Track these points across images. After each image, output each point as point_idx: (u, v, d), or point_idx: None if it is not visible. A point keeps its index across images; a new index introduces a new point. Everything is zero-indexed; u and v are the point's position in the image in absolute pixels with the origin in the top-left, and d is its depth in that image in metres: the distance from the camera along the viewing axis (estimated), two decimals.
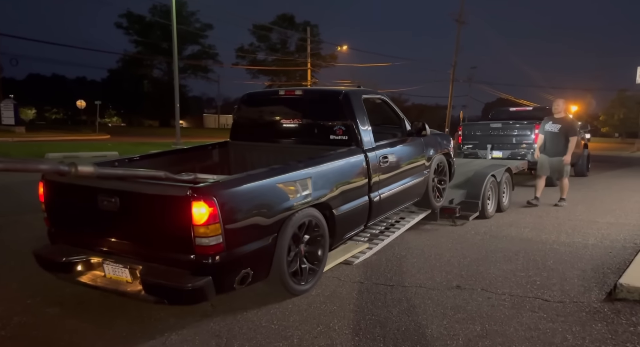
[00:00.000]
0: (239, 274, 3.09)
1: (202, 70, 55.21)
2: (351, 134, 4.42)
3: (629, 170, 15.47)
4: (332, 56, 47.33)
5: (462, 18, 33.84)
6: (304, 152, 4.18)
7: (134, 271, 3.09)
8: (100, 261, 3.26)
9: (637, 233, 5.67)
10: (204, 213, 2.82)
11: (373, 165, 4.40)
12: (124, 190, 3.10)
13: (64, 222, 3.56)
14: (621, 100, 51.88)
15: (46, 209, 3.54)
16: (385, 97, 5.30)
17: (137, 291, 3.03)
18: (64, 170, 2.77)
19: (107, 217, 3.19)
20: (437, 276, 4.12)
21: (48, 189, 3.49)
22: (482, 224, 6.28)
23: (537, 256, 4.73)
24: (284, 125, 4.90)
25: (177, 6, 23.72)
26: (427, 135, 5.33)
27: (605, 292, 3.64)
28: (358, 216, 4.29)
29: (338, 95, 4.58)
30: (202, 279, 2.86)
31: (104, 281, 3.22)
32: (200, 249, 2.88)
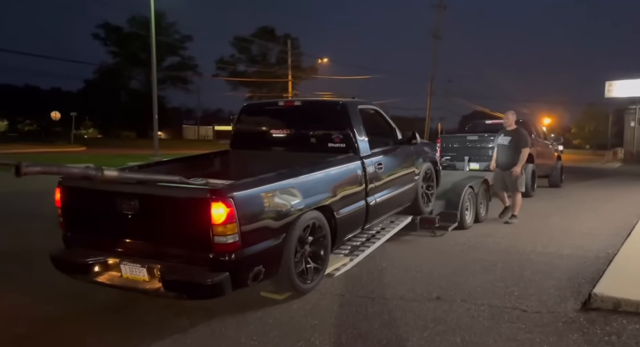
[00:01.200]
0: (252, 271, 3.28)
1: (181, 81, 54.84)
2: (349, 142, 4.67)
3: (600, 182, 15.97)
4: (313, 68, 47.69)
5: (438, 33, 34.66)
6: (303, 159, 4.35)
7: (152, 269, 3.26)
8: (117, 262, 3.40)
9: (610, 243, 5.82)
10: (222, 213, 3.03)
11: (369, 171, 4.67)
12: (144, 193, 3.29)
13: (80, 225, 3.72)
14: (591, 113, 53.65)
15: (62, 213, 3.69)
16: (378, 107, 5.57)
17: (156, 289, 3.21)
18: (92, 175, 2.97)
19: (125, 220, 3.35)
20: (417, 288, 4.14)
21: (65, 194, 3.65)
22: (461, 234, 6.36)
23: (515, 266, 4.81)
24: (283, 133, 5.12)
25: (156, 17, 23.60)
26: (417, 144, 5.61)
27: (580, 302, 3.71)
28: (356, 218, 4.54)
29: (336, 106, 4.90)
30: (221, 275, 3.07)
31: (121, 281, 3.38)
32: (219, 246, 3.09)
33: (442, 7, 33.90)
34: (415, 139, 5.50)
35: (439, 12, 34.20)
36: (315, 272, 3.94)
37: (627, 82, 35.94)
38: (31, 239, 5.92)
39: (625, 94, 36.29)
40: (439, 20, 34.72)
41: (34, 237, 6.01)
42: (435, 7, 34.00)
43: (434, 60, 35.39)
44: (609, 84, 36.88)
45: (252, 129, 5.44)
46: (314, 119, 5.07)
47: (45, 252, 3.70)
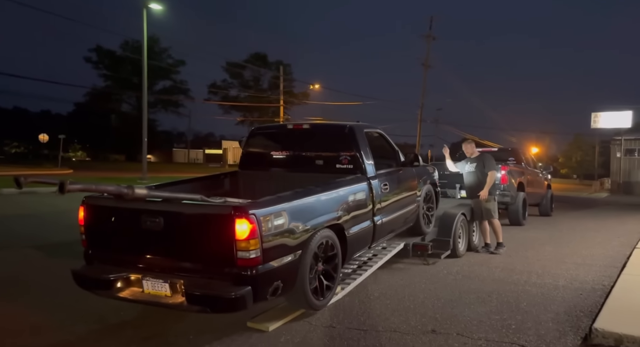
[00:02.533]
0: (272, 286, 3.40)
1: (172, 105, 54.89)
2: (356, 163, 4.84)
3: (589, 211, 16.03)
4: (305, 94, 48.10)
5: (427, 62, 35.36)
6: (311, 180, 4.45)
7: (175, 285, 3.39)
8: (139, 278, 3.52)
9: (604, 274, 5.73)
10: (245, 229, 3.17)
11: (376, 191, 4.82)
12: (168, 210, 3.43)
13: (102, 243, 3.83)
14: (578, 143, 54.61)
15: (85, 231, 3.80)
16: (381, 131, 5.72)
17: (179, 303, 3.34)
18: (124, 192, 3.10)
19: (148, 236, 3.48)
20: (411, 319, 3.98)
21: (88, 213, 3.78)
22: (454, 263, 6.24)
23: (510, 297, 4.67)
24: (291, 155, 5.29)
25: (149, 42, 23.77)
26: (418, 166, 5.80)
27: (580, 337, 3.58)
28: (365, 237, 4.68)
29: (344, 129, 5.05)
30: (244, 289, 3.18)
31: (143, 296, 3.50)
32: (242, 261, 3.21)
33: (431, 37, 34.70)
34: (418, 161, 5.68)
35: (428, 42, 34.99)
36: (327, 290, 4.05)
37: (612, 113, 36.84)
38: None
39: (611, 125, 37.12)
40: (428, 50, 35.45)
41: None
42: (424, 37, 34.77)
43: (424, 89, 35.94)
44: (594, 115, 37.74)
45: (261, 151, 5.56)
46: (321, 141, 5.22)
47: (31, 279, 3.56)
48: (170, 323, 3.88)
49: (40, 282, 5.12)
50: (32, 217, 9.98)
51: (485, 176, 6.92)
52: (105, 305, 4.25)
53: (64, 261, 5.98)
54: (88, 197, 3.80)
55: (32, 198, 13.43)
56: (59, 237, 7.65)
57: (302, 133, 5.33)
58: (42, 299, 4.52)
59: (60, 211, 10.67)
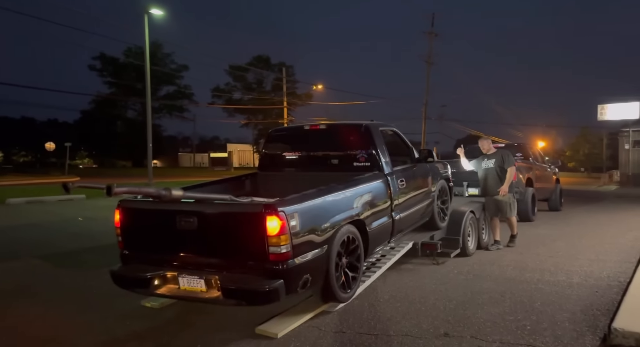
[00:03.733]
0: (301, 279, 3.56)
1: (177, 109, 55.04)
2: (373, 160, 4.97)
3: (599, 205, 15.81)
4: (308, 95, 48.04)
5: (431, 59, 35.17)
6: (330, 178, 4.51)
7: (210, 280, 3.54)
8: (175, 275, 3.68)
9: (619, 270, 5.60)
10: (275, 226, 3.33)
11: (393, 187, 4.96)
12: (202, 211, 3.60)
13: (138, 243, 4.00)
14: (585, 136, 54.04)
15: (121, 233, 3.98)
16: (396, 129, 5.82)
17: (215, 297, 3.50)
18: (163, 194, 3.22)
19: (183, 235, 3.66)
20: (423, 323, 3.89)
21: (124, 215, 3.95)
22: (464, 262, 6.13)
23: (524, 296, 4.56)
24: (309, 155, 5.45)
25: (153, 48, 23.79)
26: (432, 162, 5.90)
27: (598, 337, 3.46)
28: (384, 232, 4.82)
29: (360, 128, 5.18)
30: (276, 282, 3.34)
31: (179, 292, 3.67)
32: (273, 256, 3.37)
33: (433, 34, 34.52)
34: (432, 157, 5.79)
35: (431, 39, 34.82)
36: (352, 282, 4.21)
37: (619, 105, 36.38)
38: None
39: (618, 117, 36.66)
40: (431, 47, 35.34)
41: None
42: (427, 34, 34.59)
43: (427, 86, 35.78)
44: (601, 107, 37.30)
45: (280, 153, 5.66)
46: (338, 140, 5.32)
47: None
48: (178, 332, 3.83)
49: (47, 293, 5.09)
50: (38, 226, 9.99)
51: (504, 172, 6.89)
52: (112, 315, 4.23)
53: (71, 272, 5.98)
54: (123, 200, 3.98)
55: (39, 207, 13.48)
56: (65, 247, 7.63)
57: (319, 133, 5.47)
58: (48, 311, 4.48)
59: (66, 219, 10.72)
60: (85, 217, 10.83)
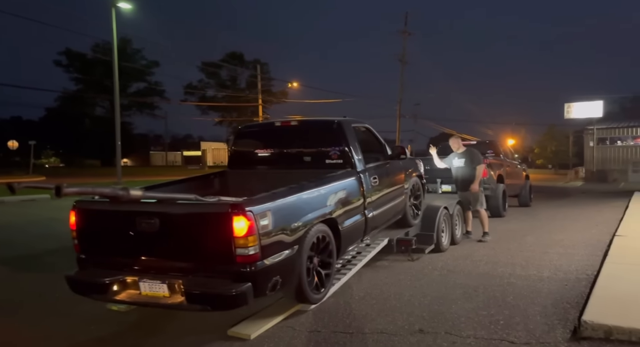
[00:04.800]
0: (271, 281, 3.43)
1: (148, 107, 53.77)
2: (346, 157, 4.86)
3: (566, 200, 16.29)
4: (283, 93, 47.69)
5: (404, 58, 35.48)
6: (301, 176, 4.40)
7: (173, 285, 3.36)
8: (135, 280, 3.47)
9: (587, 263, 5.74)
10: (243, 227, 3.19)
11: (366, 185, 4.86)
12: (164, 211, 3.40)
13: (96, 247, 3.77)
14: (552, 134, 55.63)
15: (77, 236, 3.74)
16: (368, 125, 5.71)
17: (179, 303, 3.32)
18: (120, 194, 3.06)
19: (144, 238, 3.46)
20: (398, 319, 3.87)
21: (80, 217, 3.72)
22: (438, 258, 6.18)
23: (497, 291, 4.61)
24: (280, 152, 5.29)
25: (122, 44, 23.11)
26: (405, 159, 5.87)
27: (569, 330, 3.51)
28: (357, 231, 4.72)
29: (332, 124, 5.05)
30: (244, 285, 3.19)
31: (140, 298, 3.46)
32: (241, 258, 3.23)
33: (407, 33, 34.83)
34: (404, 154, 5.76)
35: (404, 38, 35.11)
36: (324, 283, 4.10)
37: (584, 104, 37.64)
38: None
39: (583, 115, 37.92)
40: (404, 46, 35.59)
41: None
42: (401, 33, 34.87)
43: (401, 84, 36.10)
44: (567, 105, 38.52)
45: (250, 150, 5.51)
46: (310, 137, 5.22)
47: None
48: (146, 337, 3.69)
49: (5, 297, 4.83)
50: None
51: (474, 170, 7.31)
52: (75, 320, 4.05)
53: (33, 275, 5.71)
54: (79, 201, 3.76)
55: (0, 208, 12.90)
56: (27, 249, 7.31)
57: (290, 130, 5.33)
58: (4, 317, 4.25)
59: (29, 220, 10.27)
60: (49, 218, 10.41)
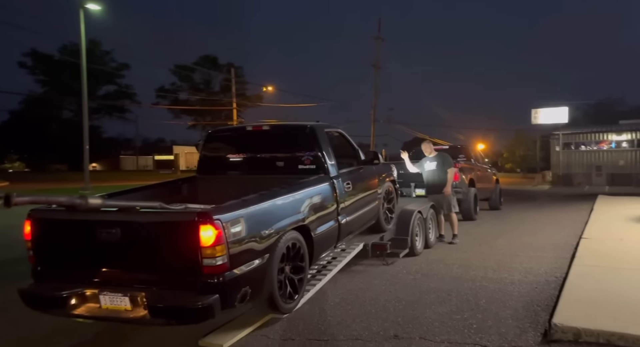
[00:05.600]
0: (240, 292, 3.29)
1: (117, 110, 52.56)
2: (319, 163, 4.79)
3: (535, 203, 16.75)
4: (258, 96, 47.46)
5: (378, 64, 35.88)
6: (273, 182, 4.32)
7: (135, 298, 3.20)
8: (95, 293, 3.30)
9: (555, 266, 5.88)
10: (210, 236, 3.05)
11: (339, 191, 4.81)
12: (126, 220, 3.26)
13: (53, 258, 3.57)
14: (520, 139, 57.25)
15: (32, 247, 3.54)
16: (342, 130, 5.68)
17: (141, 317, 3.14)
18: (77, 203, 2.92)
19: (105, 249, 3.30)
20: (373, 325, 3.85)
21: (36, 227, 3.52)
22: (412, 262, 6.22)
23: (469, 295, 4.66)
24: (251, 158, 5.16)
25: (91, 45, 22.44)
26: (378, 164, 5.83)
27: (540, 333, 3.57)
28: (330, 237, 4.64)
29: (305, 129, 4.97)
30: (211, 297, 3.05)
31: (101, 312, 3.27)
32: (208, 269, 3.10)
33: (380, 39, 35.24)
34: (378, 159, 5.70)
35: (377, 43, 35.51)
36: (296, 292, 3.99)
37: (550, 110, 39.04)
38: None
39: (549, 120, 39.29)
40: (377, 52, 35.97)
41: None
42: (373, 38, 35.27)
43: (375, 89, 36.45)
44: (534, 111, 39.83)
45: (220, 154, 5.37)
46: (282, 142, 5.12)
47: None
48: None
49: None
50: None
51: (445, 173, 7.45)
52: (36, 332, 3.87)
53: None
54: (34, 210, 3.55)
55: None
56: None
57: (262, 134, 5.21)
58: None
59: None
60: (5, 225, 9.96)
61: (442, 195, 7.49)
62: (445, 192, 7.45)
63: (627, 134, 35.75)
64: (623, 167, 34.89)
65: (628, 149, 35.59)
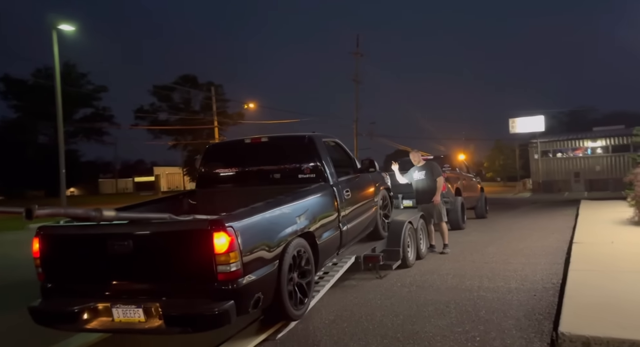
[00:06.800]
0: (253, 298, 3.34)
1: (96, 133, 51.58)
2: (318, 172, 4.87)
3: (519, 210, 16.89)
4: (239, 114, 47.15)
5: (358, 78, 36.25)
6: (274, 192, 4.31)
7: (149, 309, 3.22)
8: (107, 306, 3.31)
9: (550, 272, 5.80)
10: (224, 243, 3.12)
11: (340, 198, 4.87)
12: (138, 232, 3.30)
13: (63, 274, 3.59)
14: (499, 148, 58.27)
15: (41, 264, 3.55)
16: (338, 140, 5.77)
17: (156, 327, 3.18)
18: (92, 215, 2.91)
19: (117, 261, 3.32)
20: (372, 343, 3.67)
21: (45, 243, 3.53)
22: (406, 273, 6.07)
23: (468, 306, 4.51)
24: (251, 169, 5.23)
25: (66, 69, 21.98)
26: (374, 172, 5.86)
27: (546, 342, 3.43)
28: (333, 244, 4.71)
29: (304, 139, 5.09)
30: (227, 303, 3.10)
31: (114, 325, 3.30)
32: (222, 275, 3.15)
33: (359, 54, 35.68)
34: (374, 167, 5.70)
35: (357, 58, 35.94)
36: (304, 298, 4.03)
37: (527, 118, 39.82)
38: None
39: (527, 129, 40.07)
40: (357, 66, 36.53)
41: None
42: (353, 54, 35.69)
43: (356, 103, 36.79)
44: (512, 120, 40.60)
45: (220, 168, 5.41)
46: (282, 153, 5.19)
47: None
48: None
49: None
50: None
51: (434, 182, 7.42)
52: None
53: None
54: (42, 227, 3.60)
55: None
56: None
57: (260, 146, 5.27)
58: None
59: None
60: None
61: (432, 204, 7.42)
62: (435, 201, 7.39)
63: (601, 140, 36.69)
64: (600, 172, 35.68)
65: (603, 155, 36.48)
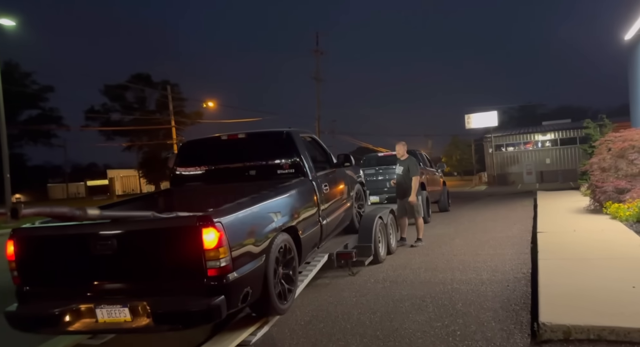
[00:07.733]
0: (242, 292, 3.35)
1: (43, 135, 48.86)
2: (297, 167, 4.89)
3: (479, 203, 17.35)
4: (198, 113, 45.91)
5: (319, 76, 36.20)
6: (254, 188, 4.27)
7: (136, 307, 3.17)
8: (91, 307, 3.24)
9: (519, 261, 5.91)
10: (213, 238, 3.11)
11: (319, 192, 4.93)
12: (122, 231, 3.23)
13: (41, 276, 3.49)
14: (455, 143, 60.02)
15: (17, 266, 3.44)
16: (314, 135, 5.81)
17: (144, 325, 3.12)
18: (76, 214, 2.86)
19: (100, 261, 3.26)
20: (352, 343, 3.55)
21: (20, 246, 3.43)
22: (378, 269, 6.02)
23: (444, 299, 4.49)
24: (229, 166, 5.15)
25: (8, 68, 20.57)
26: (350, 166, 5.94)
27: (527, 334, 3.42)
28: (314, 238, 4.75)
29: (282, 135, 5.07)
30: (218, 298, 3.08)
31: (98, 326, 3.23)
32: (213, 271, 3.13)
33: (319, 52, 35.61)
34: (349, 161, 5.78)
35: (317, 56, 35.86)
36: (289, 293, 4.07)
37: (482, 114, 41.17)
38: None
39: (481, 124, 41.41)
40: (318, 64, 36.34)
41: None
42: (313, 52, 35.59)
43: (318, 101, 36.68)
44: (467, 116, 41.83)
45: (196, 165, 5.32)
46: (260, 149, 5.15)
47: None
48: None
49: None
50: None
51: (410, 180, 7.41)
52: None
53: None
54: (17, 229, 3.49)
55: None
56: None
57: (238, 143, 5.24)
58: None
59: None
60: None
61: (408, 200, 7.44)
62: (411, 202, 7.38)
63: (550, 134, 38.45)
64: (549, 165, 37.39)
65: (552, 148, 38.24)
